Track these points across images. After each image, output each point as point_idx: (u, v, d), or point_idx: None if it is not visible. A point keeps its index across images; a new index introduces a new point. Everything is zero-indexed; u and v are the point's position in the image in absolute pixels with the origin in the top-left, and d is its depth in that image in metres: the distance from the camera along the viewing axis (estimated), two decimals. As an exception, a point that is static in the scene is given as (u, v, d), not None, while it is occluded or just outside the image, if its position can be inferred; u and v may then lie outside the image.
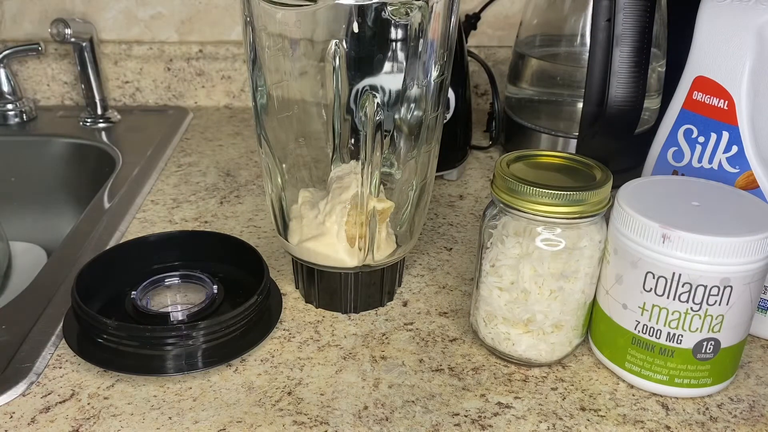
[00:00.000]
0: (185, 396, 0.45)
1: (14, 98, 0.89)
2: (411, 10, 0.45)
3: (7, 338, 0.49)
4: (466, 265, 0.60)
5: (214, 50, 0.95)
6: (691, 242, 0.41)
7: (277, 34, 0.46)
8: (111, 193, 0.71)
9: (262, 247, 0.61)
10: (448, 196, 0.72)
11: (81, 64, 0.88)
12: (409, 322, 0.52)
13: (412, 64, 0.47)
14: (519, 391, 0.46)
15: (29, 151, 0.87)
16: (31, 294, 0.55)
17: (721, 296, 0.42)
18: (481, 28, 0.94)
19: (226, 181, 0.75)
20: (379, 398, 0.45)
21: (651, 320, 0.44)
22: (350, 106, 0.47)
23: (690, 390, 0.45)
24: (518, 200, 0.44)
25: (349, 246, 0.50)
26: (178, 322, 0.48)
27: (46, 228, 0.89)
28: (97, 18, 0.93)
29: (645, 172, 0.57)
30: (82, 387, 0.45)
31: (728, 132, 0.50)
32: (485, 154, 0.83)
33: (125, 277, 0.53)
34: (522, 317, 0.46)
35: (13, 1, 0.92)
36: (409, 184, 0.52)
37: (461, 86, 0.71)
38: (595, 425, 0.43)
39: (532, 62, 0.78)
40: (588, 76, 0.65)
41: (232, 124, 0.92)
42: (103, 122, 0.90)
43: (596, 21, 0.64)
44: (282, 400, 0.44)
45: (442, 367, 0.48)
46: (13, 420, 0.42)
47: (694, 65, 0.52)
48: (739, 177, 0.49)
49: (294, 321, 0.52)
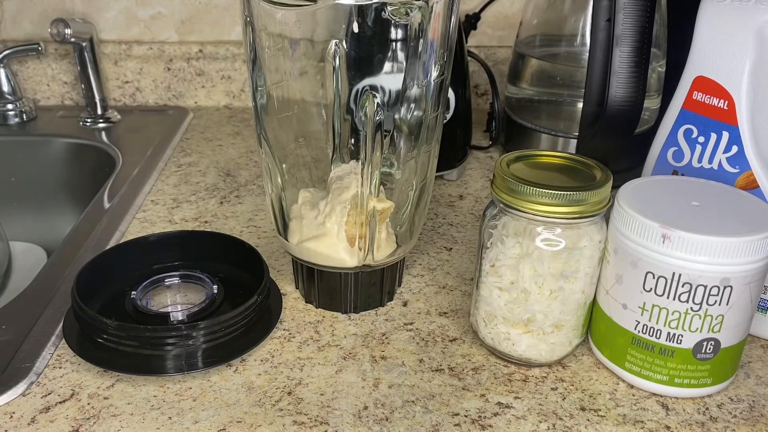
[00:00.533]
0: (185, 396, 0.45)
1: (14, 98, 0.89)
2: (411, 10, 0.45)
3: (7, 338, 0.49)
4: (466, 265, 0.60)
5: (214, 50, 0.95)
6: (691, 242, 0.41)
7: (277, 34, 0.46)
8: (111, 193, 0.71)
9: (262, 247, 0.61)
10: (448, 196, 0.72)
11: (81, 64, 0.88)
12: (409, 322, 0.52)
13: (412, 64, 0.47)
14: (519, 391, 0.46)
15: (29, 151, 0.87)
16: (31, 294, 0.55)
17: (721, 296, 0.42)
18: (481, 28, 0.94)
19: (226, 181, 0.75)
20: (379, 398, 0.45)
21: (651, 320, 0.44)
22: (350, 106, 0.47)
23: (690, 390, 0.45)
24: (518, 200, 0.44)
25: (349, 246, 0.50)
26: (178, 322, 0.48)
27: (46, 228, 0.89)
28: (97, 18, 0.93)
29: (645, 172, 0.57)
30: (82, 387, 0.45)
31: (728, 132, 0.50)
32: (485, 154, 0.83)
33: (125, 277, 0.53)
34: (522, 317, 0.46)
35: (13, 1, 0.92)
36: (409, 184, 0.52)
37: (461, 86, 0.71)
38: (595, 425, 0.43)
39: (532, 62, 0.78)
40: (588, 76, 0.65)
41: (232, 124, 0.92)
42: (103, 122, 0.90)
43: (596, 21, 0.64)
44: (282, 400, 0.44)
45: (442, 367, 0.48)
46: (13, 420, 0.42)
47: (694, 65, 0.52)
48: (739, 177, 0.49)
49: (294, 321, 0.52)
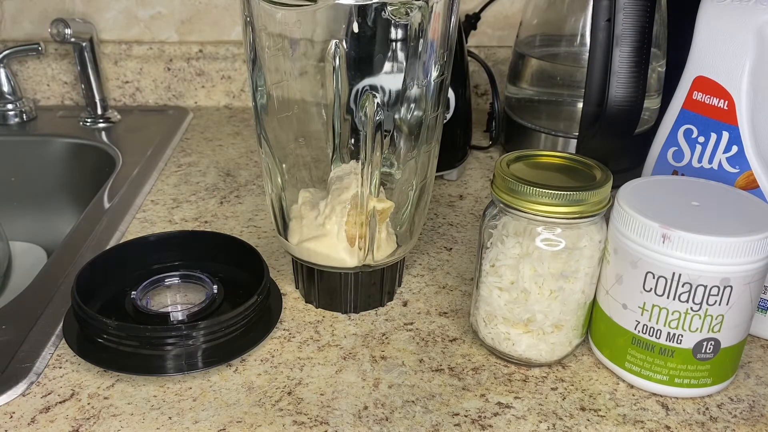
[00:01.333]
0: (185, 396, 0.45)
1: (14, 98, 0.89)
2: (411, 10, 0.45)
3: (7, 338, 0.49)
4: (466, 265, 0.60)
5: (214, 50, 0.95)
6: (691, 242, 0.41)
7: (277, 34, 0.46)
8: (111, 193, 0.71)
9: (262, 247, 0.61)
10: (448, 196, 0.72)
11: (81, 64, 0.88)
12: (409, 322, 0.52)
13: (412, 64, 0.47)
14: (519, 391, 0.46)
15: (29, 151, 0.87)
16: (31, 294, 0.55)
17: (721, 296, 0.42)
18: (481, 28, 0.94)
19: (226, 181, 0.75)
20: (379, 398, 0.45)
21: (651, 320, 0.44)
22: (350, 106, 0.47)
23: (690, 390, 0.45)
24: (518, 200, 0.44)
25: (349, 246, 0.50)
26: (178, 322, 0.48)
27: (46, 228, 0.89)
28: (97, 18, 0.93)
29: (645, 172, 0.57)
30: (82, 387, 0.45)
31: (728, 132, 0.50)
32: (485, 154, 0.83)
33: (125, 277, 0.53)
34: (522, 317, 0.46)
35: (13, 1, 0.92)
36: (409, 184, 0.52)
37: (461, 86, 0.71)
38: (595, 425, 0.43)
39: (532, 62, 0.78)
40: (588, 76, 0.65)
41: (232, 124, 0.92)
42: (103, 122, 0.90)
43: (596, 21, 0.64)
44: (282, 400, 0.44)
45: (442, 367, 0.48)
46: (13, 420, 0.42)
47: (694, 65, 0.52)
48: (739, 177, 0.49)
49: (294, 321, 0.52)
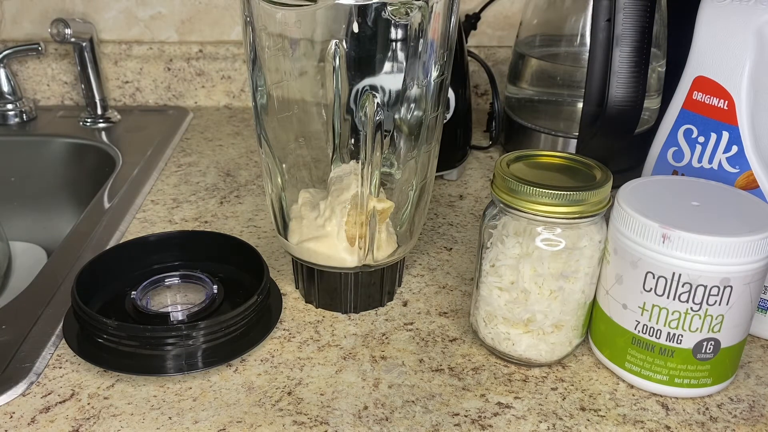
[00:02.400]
0: (185, 396, 0.45)
1: (14, 98, 0.89)
2: (411, 10, 0.45)
3: (7, 338, 0.49)
4: (466, 265, 0.60)
5: (214, 50, 0.95)
6: (691, 242, 0.41)
7: (277, 34, 0.46)
8: (111, 193, 0.71)
9: (262, 247, 0.61)
10: (448, 196, 0.72)
11: (81, 64, 0.88)
12: (409, 322, 0.52)
13: (412, 64, 0.47)
14: (519, 391, 0.46)
15: (29, 151, 0.87)
16: (31, 294, 0.55)
17: (721, 296, 0.42)
18: (481, 28, 0.94)
19: (226, 181, 0.75)
20: (379, 398, 0.45)
21: (651, 320, 0.44)
22: (350, 106, 0.47)
23: (690, 390, 0.45)
24: (518, 200, 0.44)
25: (350, 246, 0.50)
26: (178, 322, 0.48)
27: (46, 228, 0.89)
28: (97, 18, 0.93)
29: (645, 172, 0.57)
30: (82, 387, 0.45)
31: (728, 132, 0.50)
32: (485, 154, 0.83)
33: (125, 277, 0.53)
34: (522, 317, 0.46)
35: (13, 1, 0.92)
36: (409, 184, 0.52)
37: (461, 86, 0.71)
38: (595, 425, 0.43)
39: (532, 62, 0.78)
40: (588, 76, 0.65)
41: (232, 124, 0.92)
42: (103, 122, 0.90)
43: (596, 21, 0.64)
44: (282, 400, 0.44)
45: (442, 367, 0.48)
46: (13, 420, 0.42)
47: (694, 65, 0.52)
48: (739, 177, 0.49)
49: (294, 321, 0.52)
